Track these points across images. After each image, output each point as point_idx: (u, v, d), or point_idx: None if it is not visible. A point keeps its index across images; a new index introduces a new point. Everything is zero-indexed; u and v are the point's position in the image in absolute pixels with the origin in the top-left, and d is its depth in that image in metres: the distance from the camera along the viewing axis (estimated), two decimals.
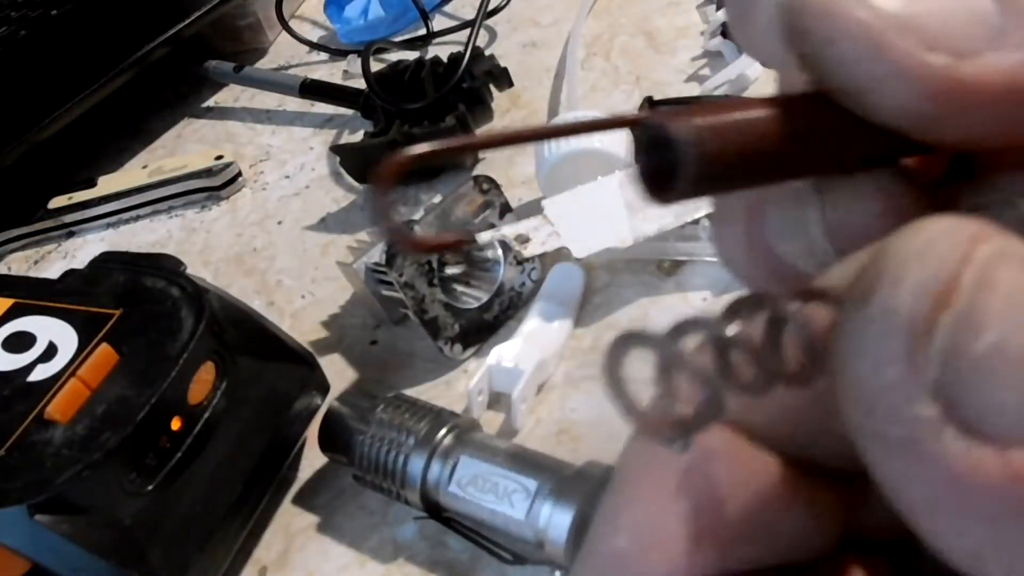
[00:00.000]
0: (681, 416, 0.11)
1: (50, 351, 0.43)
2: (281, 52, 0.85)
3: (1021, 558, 0.11)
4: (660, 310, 0.51)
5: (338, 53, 0.81)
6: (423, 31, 0.79)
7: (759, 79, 0.61)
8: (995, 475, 0.10)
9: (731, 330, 0.11)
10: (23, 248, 0.72)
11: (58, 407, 0.40)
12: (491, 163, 0.64)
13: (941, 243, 0.11)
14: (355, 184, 0.66)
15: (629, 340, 0.11)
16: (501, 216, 0.52)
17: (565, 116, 0.55)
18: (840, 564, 0.14)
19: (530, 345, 0.48)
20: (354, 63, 0.78)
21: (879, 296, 0.11)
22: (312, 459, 0.48)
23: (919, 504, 0.11)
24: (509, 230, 0.49)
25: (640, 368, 0.11)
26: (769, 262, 0.14)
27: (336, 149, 0.65)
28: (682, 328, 0.11)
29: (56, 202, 0.71)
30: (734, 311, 0.12)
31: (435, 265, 0.49)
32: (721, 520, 0.13)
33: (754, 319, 0.12)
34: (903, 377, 0.11)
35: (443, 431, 0.42)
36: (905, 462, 0.11)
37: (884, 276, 0.11)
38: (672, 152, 0.11)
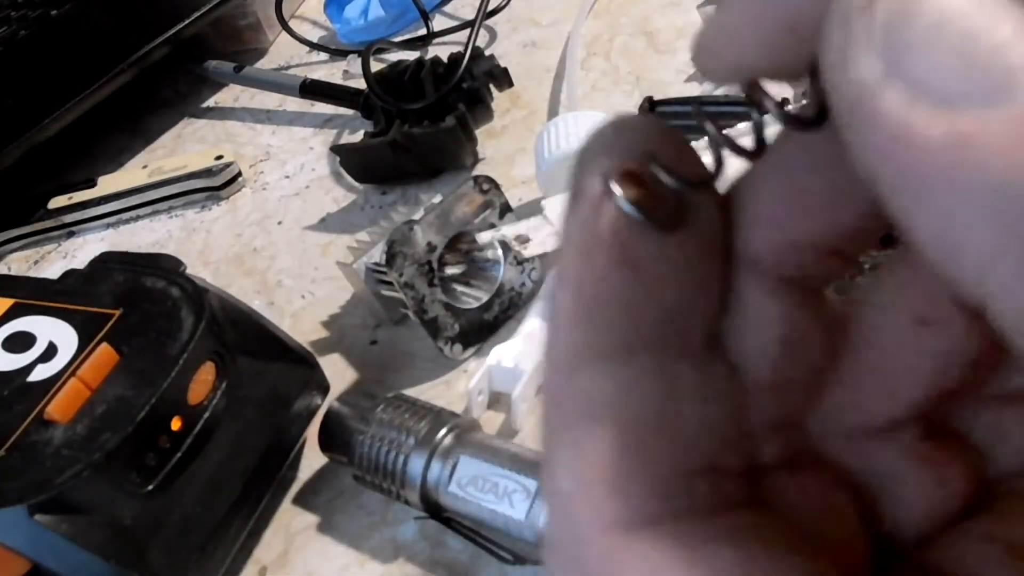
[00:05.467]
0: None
1: (50, 351, 0.43)
2: (281, 52, 0.85)
3: (989, 240, 0.10)
4: None
5: (338, 53, 0.81)
6: (423, 31, 0.79)
7: None
8: (939, 136, 0.10)
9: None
10: (23, 248, 0.72)
11: (58, 407, 0.40)
12: (491, 163, 0.64)
13: None
14: (355, 184, 0.66)
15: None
16: (501, 216, 0.52)
17: (566, 116, 0.55)
18: None
19: (530, 345, 0.48)
20: (354, 63, 0.78)
21: None
22: (312, 459, 0.48)
23: (881, 177, 0.11)
24: (509, 230, 0.49)
25: None
26: None
27: (336, 149, 0.65)
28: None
29: (56, 202, 0.71)
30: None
31: (435, 265, 0.49)
32: None
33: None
34: (848, 33, 0.11)
35: (443, 431, 0.42)
36: (857, 122, 0.11)
37: None
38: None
